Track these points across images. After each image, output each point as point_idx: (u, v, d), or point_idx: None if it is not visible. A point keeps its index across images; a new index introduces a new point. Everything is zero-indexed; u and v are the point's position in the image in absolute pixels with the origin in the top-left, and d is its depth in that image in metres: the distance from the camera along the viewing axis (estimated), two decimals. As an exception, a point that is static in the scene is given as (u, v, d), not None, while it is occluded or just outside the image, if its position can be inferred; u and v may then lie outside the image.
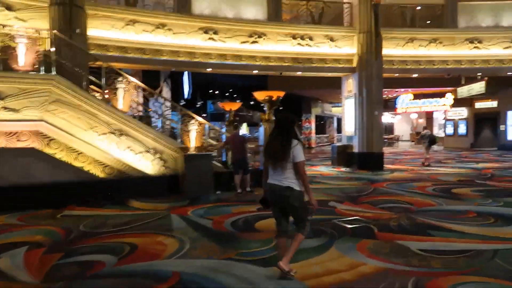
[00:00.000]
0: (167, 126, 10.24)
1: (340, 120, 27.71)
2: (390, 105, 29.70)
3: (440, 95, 24.37)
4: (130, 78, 8.77)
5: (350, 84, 14.03)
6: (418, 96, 25.33)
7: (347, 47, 13.50)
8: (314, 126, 30.30)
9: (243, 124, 41.78)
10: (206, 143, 9.94)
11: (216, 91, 33.13)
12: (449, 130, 26.60)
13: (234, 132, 8.80)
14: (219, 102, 13.83)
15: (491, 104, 23.68)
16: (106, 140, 8.25)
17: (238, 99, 24.82)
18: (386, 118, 33.52)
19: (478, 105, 24.34)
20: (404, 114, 30.37)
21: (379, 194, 8.49)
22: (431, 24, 14.80)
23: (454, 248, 4.56)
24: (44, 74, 7.82)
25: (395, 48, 13.89)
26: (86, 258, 4.46)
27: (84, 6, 9.98)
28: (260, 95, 9.82)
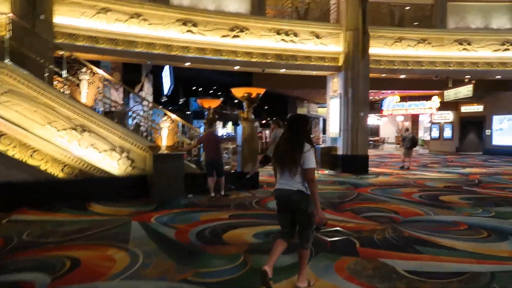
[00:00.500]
0: (145, 123, 9.48)
1: (326, 121, 27.26)
2: (377, 107, 29.39)
3: (426, 98, 24.10)
4: (96, 69, 8.02)
5: (336, 84, 13.49)
6: (404, 98, 25.01)
7: (333, 45, 12.94)
8: (299, 126, 29.74)
9: (228, 123, 40.95)
10: (182, 142, 9.23)
11: (200, 88, 32.31)
12: (434, 134, 26.39)
13: (208, 131, 8.12)
14: (198, 99, 13.09)
15: (477, 108, 23.52)
16: (66, 137, 7.49)
17: (223, 97, 24.09)
18: (372, 120, 33.18)
19: (464, 109, 24.16)
20: (390, 116, 30.08)
21: (363, 200, 7.93)
22: (420, 24, 14.36)
23: (445, 269, 3.98)
24: (-4, 62, 7.02)
25: (382, 48, 13.40)
26: (14, 277, 3.74)
27: (50, -10, 9.19)
28: (239, 91, 9.17)
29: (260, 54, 12.35)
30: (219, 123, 51.63)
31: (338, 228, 5.58)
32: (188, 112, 35.28)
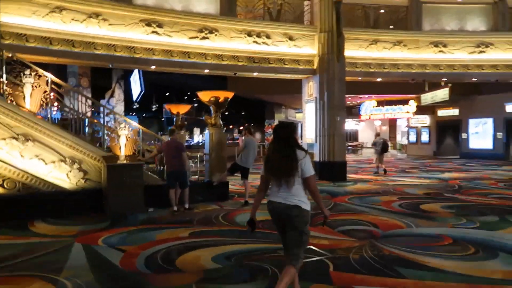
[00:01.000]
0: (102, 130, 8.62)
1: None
2: (355, 112, 29.22)
3: (403, 102, 23.97)
4: (42, 72, 7.18)
5: (311, 87, 12.96)
6: (381, 103, 24.85)
7: (307, 47, 12.43)
8: (277, 132, 29.24)
9: (206, 130, 40.26)
10: (144, 151, 8.43)
11: (173, 94, 31.36)
12: (412, 138, 26.30)
13: (170, 139, 7.38)
14: (166, 105, 12.31)
15: (452, 112, 23.49)
16: (6, 147, 6.61)
17: (197, 102, 23.30)
18: (350, 125, 33.06)
19: (441, 112, 24.12)
20: (368, 121, 29.95)
21: (339, 211, 7.33)
22: (396, 26, 14.06)
23: (433, 298, 3.38)
24: None
25: (358, 50, 12.99)
26: None
27: (-6, -14, 8.33)
28: (205, 95, 8.48)
29: (231, 57, 11.72)
30: (197, 130, 50.43)
31: (310, 246, 4.93)
32: (163, 119, 34.17)
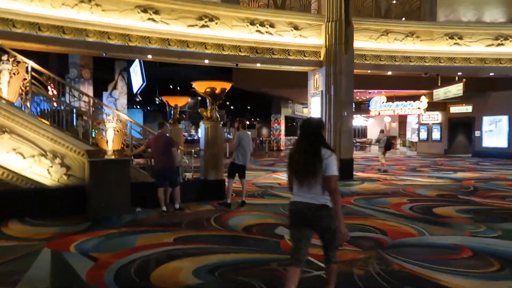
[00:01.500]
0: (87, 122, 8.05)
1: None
2: (364, 107, 28.41)
3: (414, 98, 23.14)
4: (21, 58, 6.61)
5: (317, 80, 12.27)
6: (391, 98, 24.03)
7: (313, 37, 11.71)
8: (283, 127, 28.60)
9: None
10: (134, 145, 7.85)
11: (177, 87, 30.57)
12: (423, 135, 25.42)
13: (159, 133, 6.77)
14: (163, 96, 11.72)
15: (465, 109, 22.59)
16: (-20, 140, 6.08)
17: (200, 96, 22.63)
18: (359, 121, 32.25)
19: (453, 109, 23.22)
20: (377, 118, 29.08)
21: (344, 215, 6.63)
22: (408, 17, 13.26)
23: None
24: None
25: (367, 41, 12.23)
26: None
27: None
28: (200, 86, 7.84)
29: (233, 47, 11.06)
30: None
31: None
32: (166, 112, 33.44)
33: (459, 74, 13.98)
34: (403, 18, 13.18)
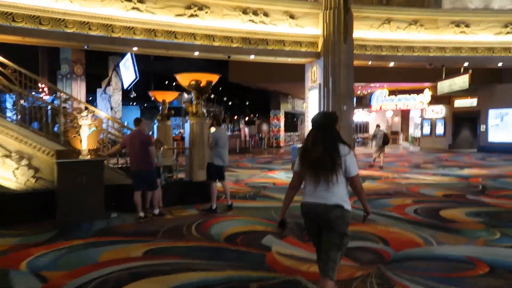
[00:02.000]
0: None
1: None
2: (365, 102, 27.68)
3: (417, 91, 22.37)
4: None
5: (315, 73, 11.57)
6: (394, 92, 23.27)
7: (310, 27, 11.00)
8: (283, 123, 27.93)
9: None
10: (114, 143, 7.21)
11: (172, 82, 29.72)
12: (426, 130, 24.70)
13: (135, 130, 6.10)
14: (150, 91, 11.03)
15: (470, 102, 21.85)
16: None
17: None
18: (361, 115, 31.52)
19: (458, 103, 22.50)
20: (380, 112, 28.33)
21: (341, 219, 6.01)
22: (411, 4, 12.51)
23: None
24: None
25: (368, 30, 11.49)
26: None
27: None
28: (184, 78, 7.20)
29: (224, 38, 10.36)
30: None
31: (298, 276, 3.66)
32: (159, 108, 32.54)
33: (465, 64, 13.21)
34: (406, 6, 12.44)
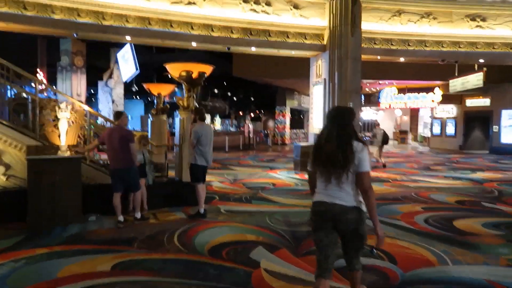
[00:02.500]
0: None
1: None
2: (374, 100, 26.87)
3: (427, 90, 21.55)
4: None
5: (320, 67, 10.93)
6: (403, 90, 22.47)
7: (316, 18, 10.36)
8: (288, 120, 27.23)
9: (216, 117, 37.61)
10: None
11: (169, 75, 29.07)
12: (436, 130, 23.87)
13: (115, 125, 5.51)
14: (145, 84, 10.45)
15: (483, 102, 20.97)
16: None
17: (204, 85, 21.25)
18: (369, 113, 30.69)
19: (469, 102, 21.62)
20: (388, 110, 27.52)
21: (343, 228, 5.38)
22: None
23: None
24: None
25: (377, 22, 10.82)
26: None
27: None
28: (174, 69, 6.59)
29: (223, 28, 9.78)
30: (216, 117, 45.35)
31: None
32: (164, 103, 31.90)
33: (481, 61, 12.47)
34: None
